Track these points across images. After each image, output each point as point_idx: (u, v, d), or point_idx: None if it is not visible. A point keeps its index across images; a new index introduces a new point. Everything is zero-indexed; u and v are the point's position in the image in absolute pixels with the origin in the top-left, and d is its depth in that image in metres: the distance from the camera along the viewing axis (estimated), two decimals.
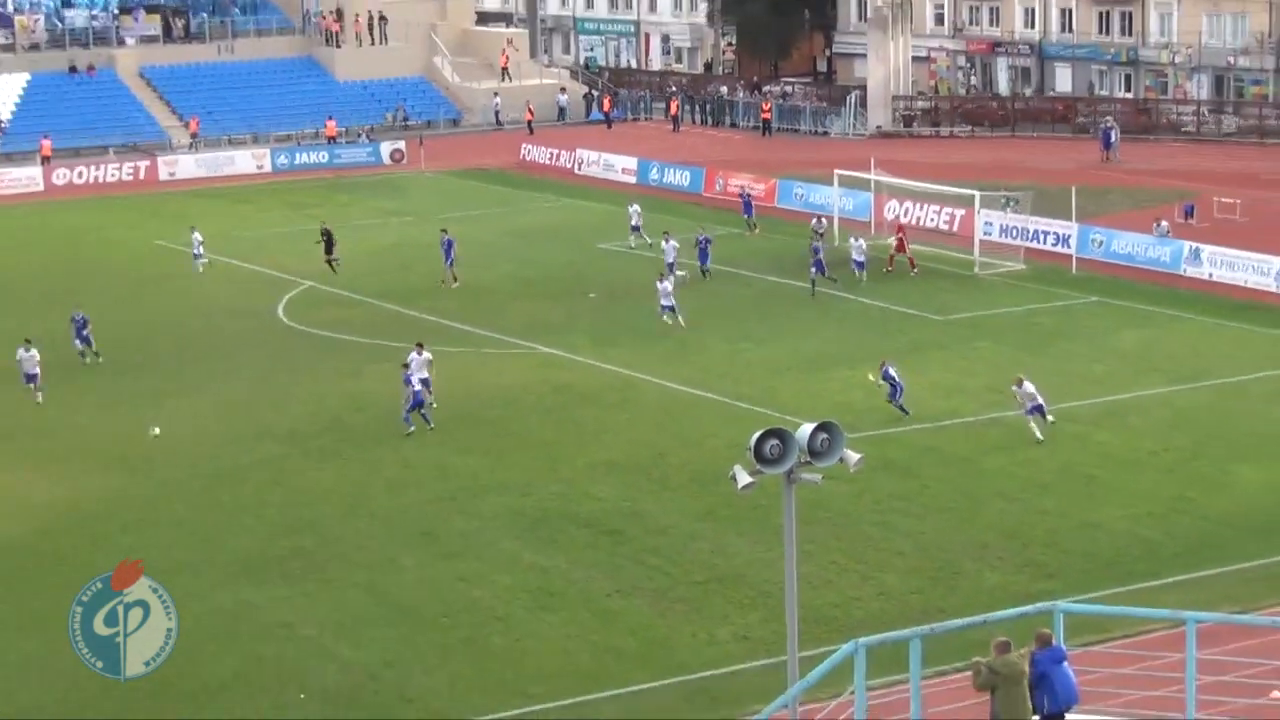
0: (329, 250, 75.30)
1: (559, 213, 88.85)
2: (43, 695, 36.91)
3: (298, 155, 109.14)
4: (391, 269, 74.40)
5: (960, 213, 78.86)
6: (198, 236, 78.15)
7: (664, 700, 35.75)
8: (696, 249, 72.18)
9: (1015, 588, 39.07)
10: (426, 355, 55.30)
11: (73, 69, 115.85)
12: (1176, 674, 22.85)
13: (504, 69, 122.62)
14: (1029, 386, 50.42)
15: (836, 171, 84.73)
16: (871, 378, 52.78)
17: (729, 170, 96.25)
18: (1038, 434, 50.21)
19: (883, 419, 52.11)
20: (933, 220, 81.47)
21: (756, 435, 27.24)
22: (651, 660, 37.72)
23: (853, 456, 28.20)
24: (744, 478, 27.51)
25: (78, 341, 62.17)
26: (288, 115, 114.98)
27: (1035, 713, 22.45)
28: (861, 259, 71.20)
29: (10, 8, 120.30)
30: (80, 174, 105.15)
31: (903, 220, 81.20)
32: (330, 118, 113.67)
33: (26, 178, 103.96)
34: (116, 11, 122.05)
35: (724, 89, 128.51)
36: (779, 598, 30.49)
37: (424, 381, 53.79)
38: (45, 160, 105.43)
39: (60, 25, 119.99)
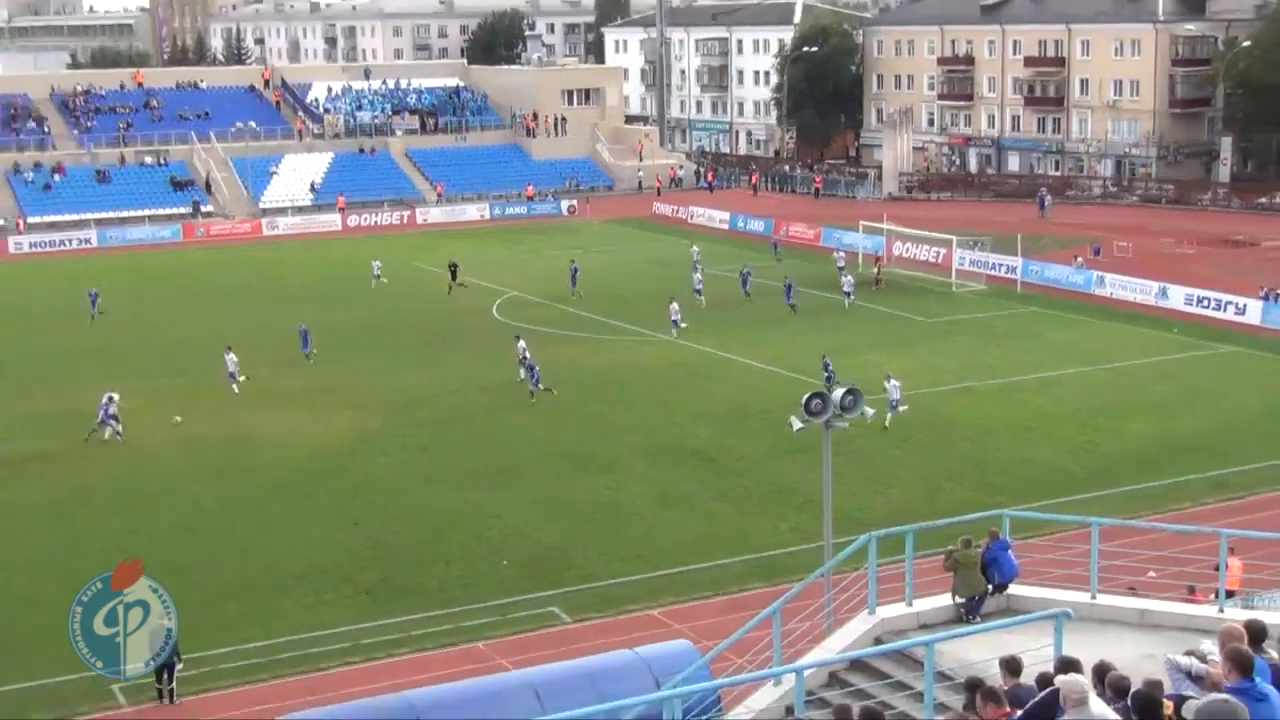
0: (453, 277, 74.47)
1: (676, 248, 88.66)
2: (335, 554, 37.31)
3: (507, 208, 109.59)
4: (566, 284, 74.50)
5: (943, 250, 78.95)
6: (377, 264, 78.33)
7: (742, 570, 35.90)
8: (740, 278, 71.48)
9: (976, 500, 38.96)
10: (523, 343, 55.69)
11: (361, 150, 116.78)
12: (1084, 560, 22.64)
13: (639, 152, 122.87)
14: (894, 382, 48.33)
15: (861, 222, 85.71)
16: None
17: (790, 220, 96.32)
18: (885, 422, 46.54)
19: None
20: (924, 255, 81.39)
21: (806, 396, 27.46)
22: (734, 543, 37.84)
23: (869, 411, 28.42)
24: (797, 424, 27.79)
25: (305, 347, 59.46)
26: (500, 182, 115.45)
27: (989, 583, 22.33)
28: (849, 289, 70.01)
29: (321, 109, 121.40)
30: (365, 219, 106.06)
31: (903, 255, 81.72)
32: (529, 184, 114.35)
33: (330, 222, 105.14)
34: (390, 113, 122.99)
35: (787, 167, 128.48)
36: (819, 503, 30.52)
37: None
38: (341, 210, 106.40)
39: (354, 121, 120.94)
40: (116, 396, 49.38)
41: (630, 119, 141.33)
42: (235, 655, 31.32)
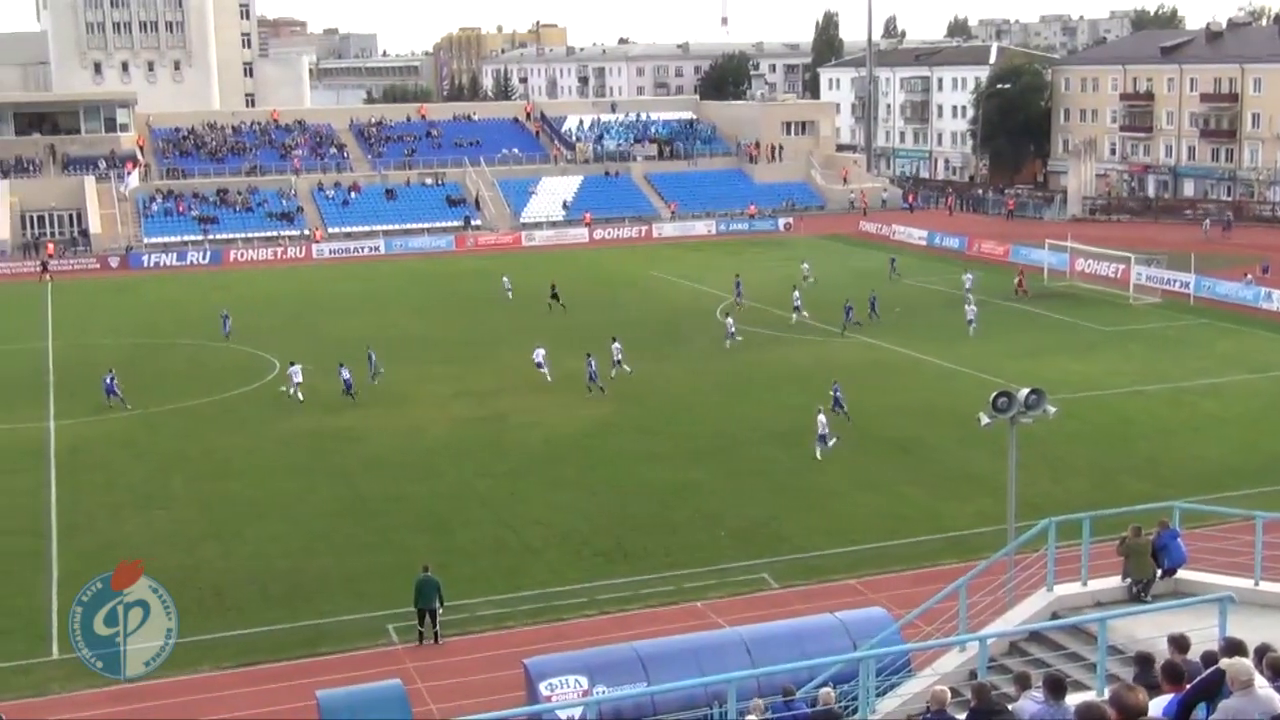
0: (554, 296, 72.07)
1: (879, 261, 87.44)
2: (575, 521, 37.60)
3: (731, 224, 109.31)
4: (781, 290, 73.96)
5: (1121, 266, 76.20)
6: (507, 279, 77.60)
7: (932, 547, 35.11)
8: (869, 303, 67.03)
9: (1149, 493, 37.35)
10: (618, 345, 55.45)
11: (606, 174, 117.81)
12: (1248, 550, 21.57)
13: (844, 177, 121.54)
14: (822, 418, 43.42)
15: (1047, 240, 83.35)
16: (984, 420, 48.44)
17: (982, 238, 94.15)
18: (817, 454, 42.87)
19: (1075, 385, 50.41)
20: (1104, 271, 78.56)
21: (993, 394, 26.71)
22: (925, 523, 37.06)
23: (1051, 409, 27.45)
24: (985, 419, 27.03)
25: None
26: (725, 201, 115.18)
27: (1159, 567, 21.45)
28: (973, 317, 63.16)
29: (574, 138, 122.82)
30: (609, 233, 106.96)
31: (1085, 271, 79.11)
32: (751, 203, 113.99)
33: (578, 235, 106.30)
34: (632, 141, 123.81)
35: (980, 190, 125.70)
36: (1003, 490, 29.61)
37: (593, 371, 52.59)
38: (588, 225, 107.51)
39: (601, 149, 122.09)
40: (299, 368, 52.78)
41: (840, 147, 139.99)
42: (489, 604, 31.78)
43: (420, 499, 39.90)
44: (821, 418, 43.46)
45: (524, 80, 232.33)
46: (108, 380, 53.04)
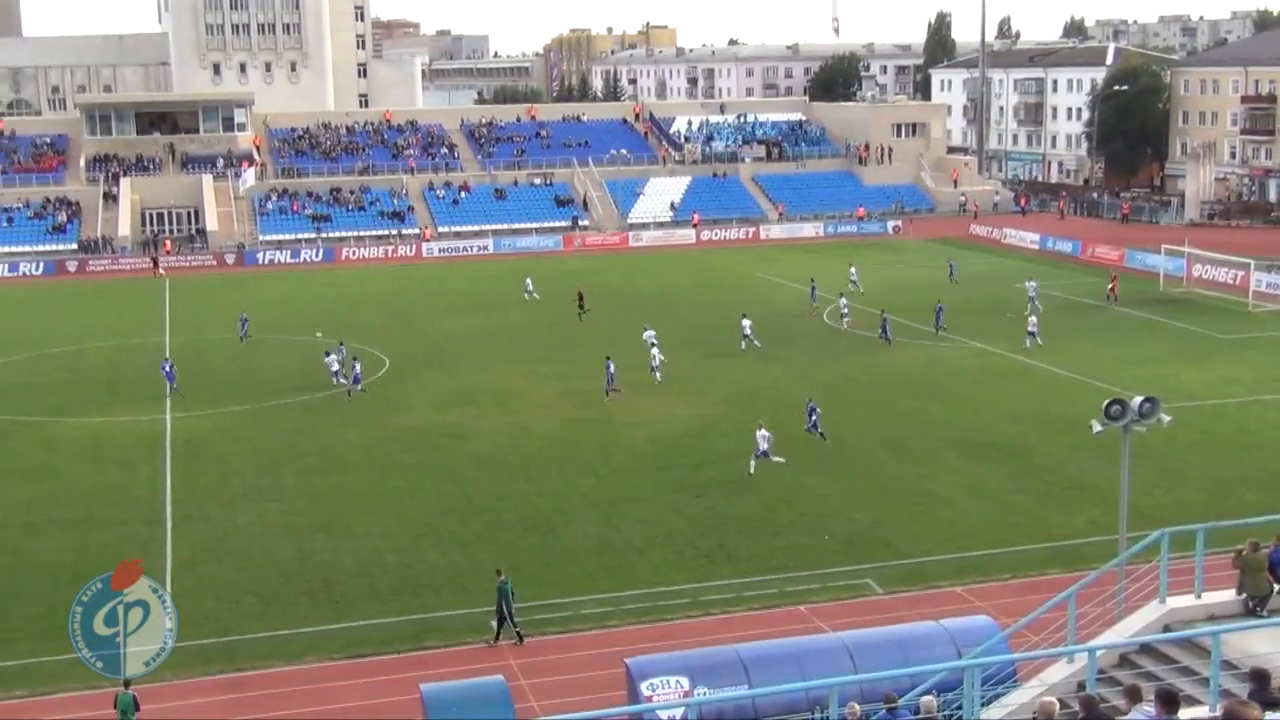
0: (581, 305, 71.66)
1: (991, 265, 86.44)
2: (680, 522, 37.55)
3: (839, 227, 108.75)
4: (888, 293, 73.38)
5: (1240, 273, 74.57)
6: (530, 280, 78.22)
7: (1041, 556, 34.59)
8: (935, 313, 64.84)
9: (1266, 504, 36.40)
10: (653, 338, 55.83)
11: (714, 175, 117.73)
12: None
13: (954, 179, 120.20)
14: (764, 432, 42.13)
15: (1163, 245, 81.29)
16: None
17: (1095, 242, 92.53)
18: (751, 469, 41.64)
19: (1191, 394, 49.39)
20: (1222, 277, 76.92)
21: (1106, 401, 26.26)
22: (1034, 531, 36.53)
23: (1166, 418, 26.90)
24: (1097, 426, 26.59)
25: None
26: (834, 203, 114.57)
27: (1276, 582, 20.90)
28: (1034, 329, 60.68)
29: (682, 139, 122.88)
30: (716, 235, 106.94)
31: (1202, 276, 77.59)
32: (860, 205, 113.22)
33: (685, 236, 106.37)
34: (741, 143, 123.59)
35: (1095, 194, 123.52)
36: (1115, 499, 29.08)
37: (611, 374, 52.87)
38: (695, 226, 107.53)
39: (709, 150, 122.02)
40: (335, 357, 55.12)
41: (951, 150, 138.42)
42: (592, 603, 31.92)
43: (525, 497, 40.19)
44: (763, 432, 42.09)
45: (633, 81, 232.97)
46: (166, 368, 55.66)
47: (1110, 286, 72.62)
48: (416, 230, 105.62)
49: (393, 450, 45.85)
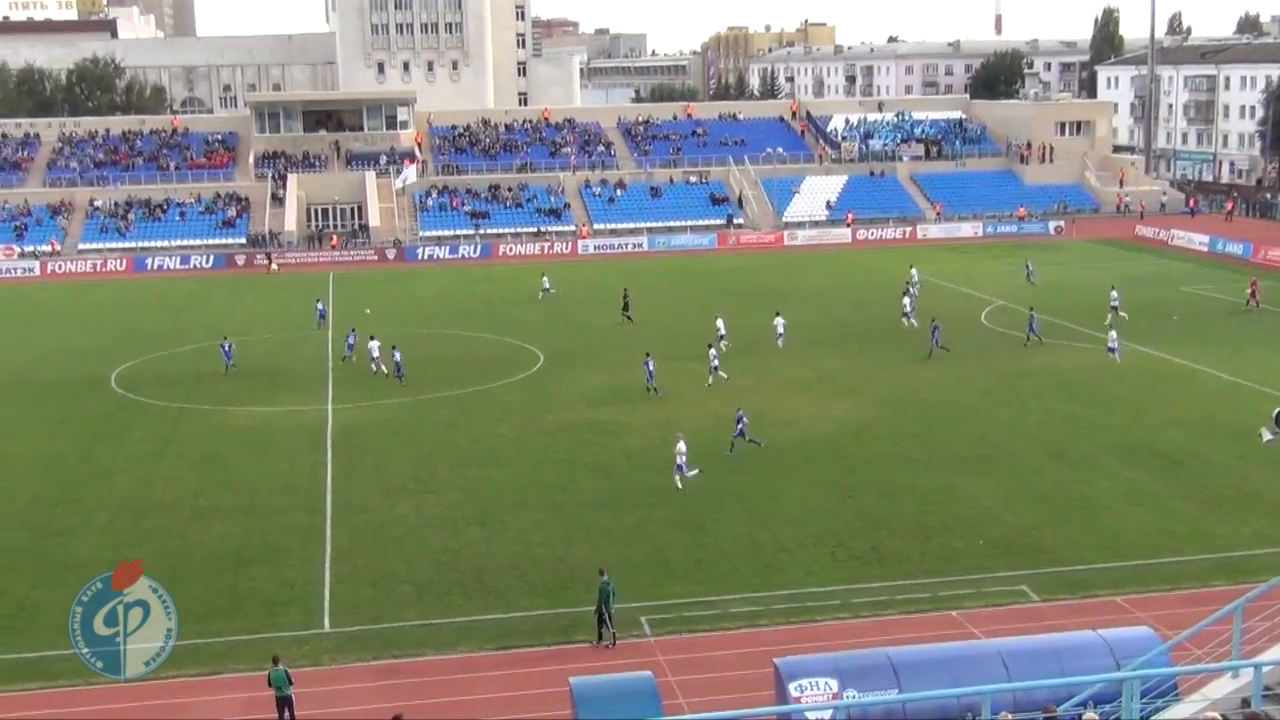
0: (625, 307, 71.00)
1: (1156, 266, 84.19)
2: (831, 522, 37.26)
3: (998, 227, 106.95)
4: (1049, 294, 71.87)
5: None
6: (546, 278, 79.28)
7: (1205, 567, 33.52)
8: (1027, 325, 62.22)
9: None
10: (714, 352, 55.34)
11: (871, 174, 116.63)
12: None
13: (1120, 179, 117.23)
14: (682, 445, 40.95)
15: None
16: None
17: (1269, 245, 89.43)
18: (678, 483, 40.44)
19: None
20: None
21: (1278, 409, 25.35)
22: (1198, 541, 35.43)
23: None
24: (1267, 435, 25.76)
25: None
26: (994, 203, 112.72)
27: None
28: (1114, 344, 57.13)
29: (839, 138, 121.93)
30: (872, 234, 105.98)
31: None
32: (1021, 205, 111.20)
33: (841, 235, 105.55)
34: (899, 141, 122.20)
35: (1268, 195, 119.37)
36: None
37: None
38: (849, 225, 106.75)
39: (866, 148, 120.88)
40: (376, 345, 57.29)
41: (1117, 149, 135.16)
42: (742, 602, 31.83)
43: (677, 494, 40.23)
44: (681, 445, 41.06)
45: (790, 79, 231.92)
46: (226, 346, 59.28)
47: (1250, 291, 69.64)
48: (572, 227, 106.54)
49: (545, 445, 46.29)
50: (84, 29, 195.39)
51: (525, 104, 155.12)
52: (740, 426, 44.38)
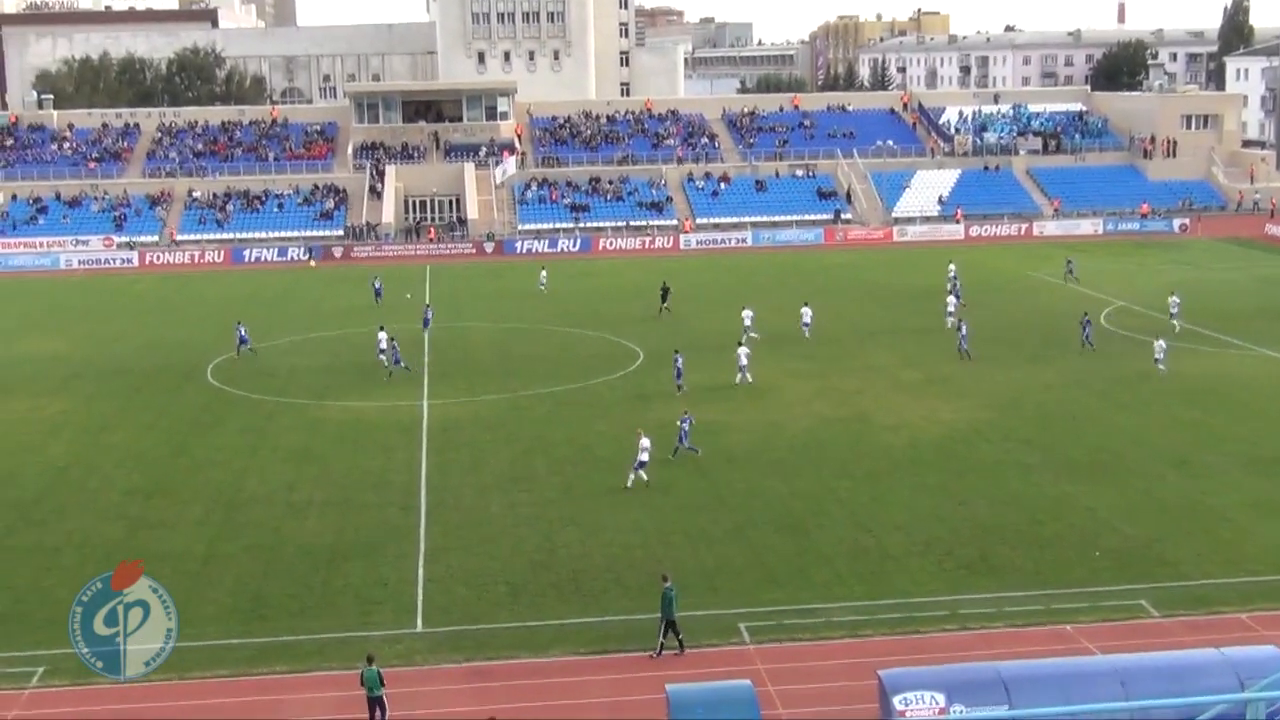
0: (664, 299, 71.13)
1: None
2: (939, 529, 36.83)
3: (1120, 224, 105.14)
4: (1165, 295, 70.60)
5: None
6: (544, 273, 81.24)
7: None
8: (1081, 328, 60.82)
9: None
10: (746, 343, 55.65)
11: (985, 168, 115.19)
12: None
13: (1250, 175, 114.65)
14: (645, 441, 41.14)
15: None
16: None
17: None
18: (629, 481, 40.82)
19: None
20: None
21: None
22: None
23: None
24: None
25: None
26: (1115, 199, 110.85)
27: None
28: (1160, 355, 55.37)
29: (952, 130, 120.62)
30: (985, 230, 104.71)
31: None
32: (1144, 202, 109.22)
33: (953, 231, 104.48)
34: (1015, 134, 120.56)
35: None
36: None
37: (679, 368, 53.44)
38: (959, 221, 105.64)
39: (980, 142, 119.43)
40: (384, 337, 57.74)
41: (1247, 143, 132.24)
42: (845, 610, 31.56)
43: (778, 497, 40.04)
44: (645, 441, 41.11)
45: (902, 70, 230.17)
46: (241, 331, 61.61)
47: None
48: (675, 221, 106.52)
49: None
50: (185, 18, 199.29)
51: (628, 95, 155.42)
52: (683, 429, 44.12)
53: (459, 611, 31.99)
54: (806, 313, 63.88)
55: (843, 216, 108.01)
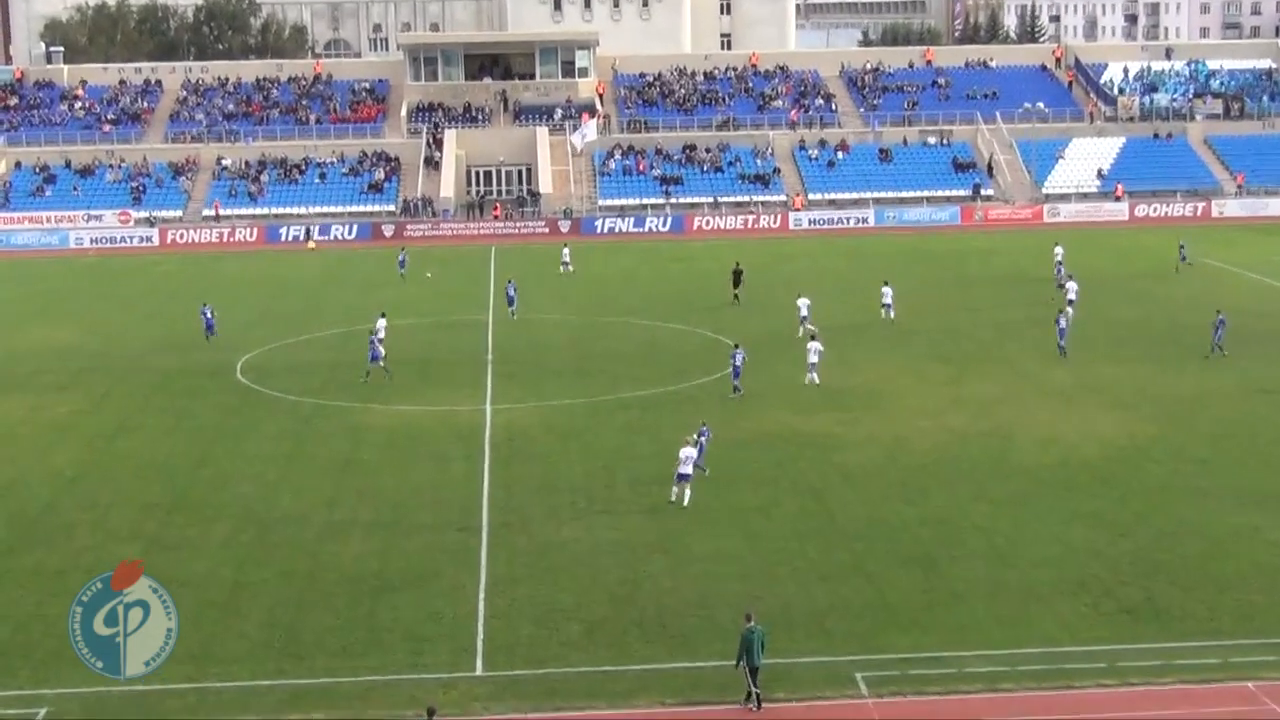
0: (735, 284, 71.68)
1: None
2: (1095, 565, 36.43)
3: None
4: None
5: None
6: (566, 250, 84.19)
7: None
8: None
9: None
10: (816, 345, 55.13)
11: (1155, 135, 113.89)
12: None
13: None
14: (689, 451, 41.82)
15: None
16: None
17: None
18: (672, 495, 41.54)
19: None
20: None
21: None
22: None
23: None
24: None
25: None
26: None
27: None
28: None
29: (1115, 91, 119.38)
30: (1155, 209, 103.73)
31: None
32: None
33: (1116, 211, 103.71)
34: (1191, 96, 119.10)
35: None
36: None
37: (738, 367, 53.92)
38: (1119, 199, 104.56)
39: (1149, 104, 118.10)
40: (384, 324, 59.63)
41: None
42: (981, 660, 31.25)
43: (903, 524, 39.76)
44: (689, 451, 41.98)
45: (1055, 19, 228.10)
46: (206, 314, 63.64)
47: None
48: (783, 197, 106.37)
49: (743, 459, 46.17)
50: None
51: (728, 48, 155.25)
52: (701, 443, 43.99)
53: (525, 653, 32.06)
54: (887, 292, 65.30)
55: (983, 192, 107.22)
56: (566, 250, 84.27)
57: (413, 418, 52.16)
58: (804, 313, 64.36)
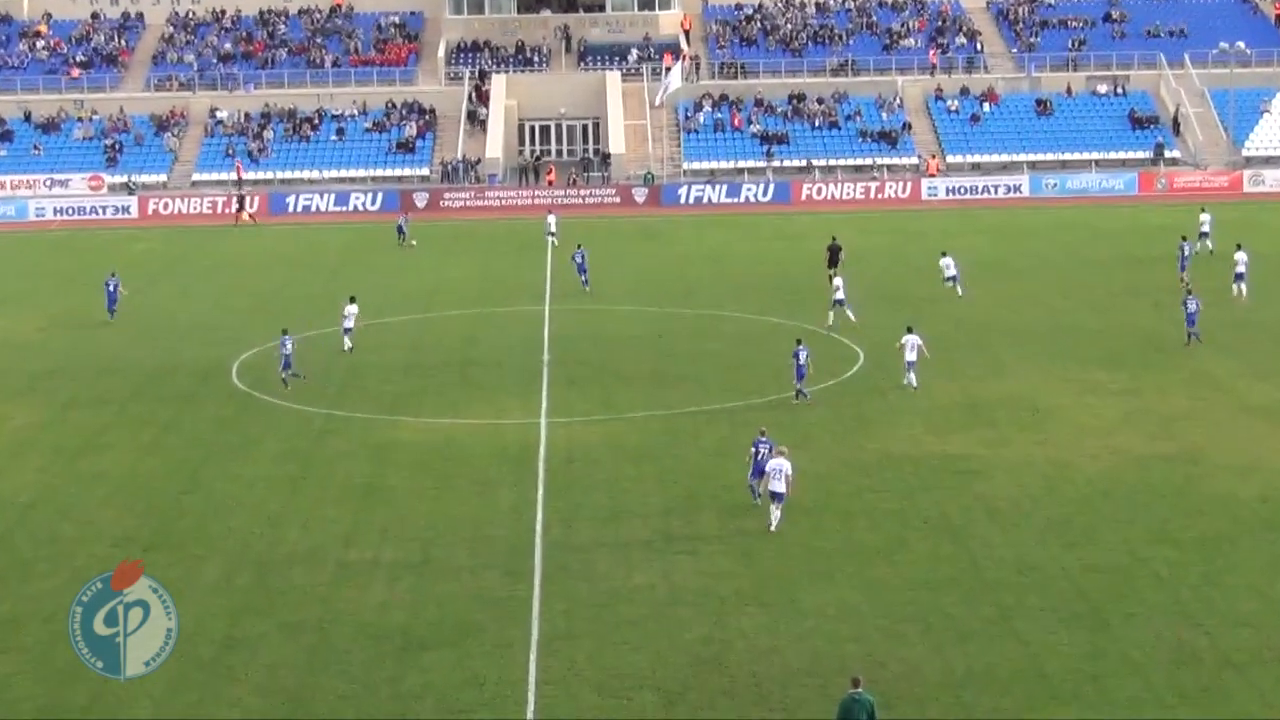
0: (831, 264, 72.03)
1: None
2: None
3: None
4: None
5: None
6: (551, 220, 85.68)
7: None
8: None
9: None
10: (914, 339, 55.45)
11: None
12: None
13: None
14: (780, 463, 41.75)
15: None
16: None
17: None
18: (770, 523, 41.80)
19: None
20: None
21: None
22: None
23: None
24: None
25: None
26: None
27: None
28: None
29: None
30: None
31: None
32: None
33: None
34: None
35: None
36: None
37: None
38: None
39: None
40: (354, 311, 63.03)
41: None
42: None
43: (1064, 572, 39.53)
44: (781, 463, 41.98)
45: None
46: (110, 286, 67.54)
47: None
48: (914, 160, 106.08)
49: (863, 488, 46.06)
50: None
51: None
52: (758, 455, 43.78)
53: None
54: (948, 264, 67.27)
55: (1167, 154, 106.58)
56: (552, 218, 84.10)
57: (449, 433, 52.31)
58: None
